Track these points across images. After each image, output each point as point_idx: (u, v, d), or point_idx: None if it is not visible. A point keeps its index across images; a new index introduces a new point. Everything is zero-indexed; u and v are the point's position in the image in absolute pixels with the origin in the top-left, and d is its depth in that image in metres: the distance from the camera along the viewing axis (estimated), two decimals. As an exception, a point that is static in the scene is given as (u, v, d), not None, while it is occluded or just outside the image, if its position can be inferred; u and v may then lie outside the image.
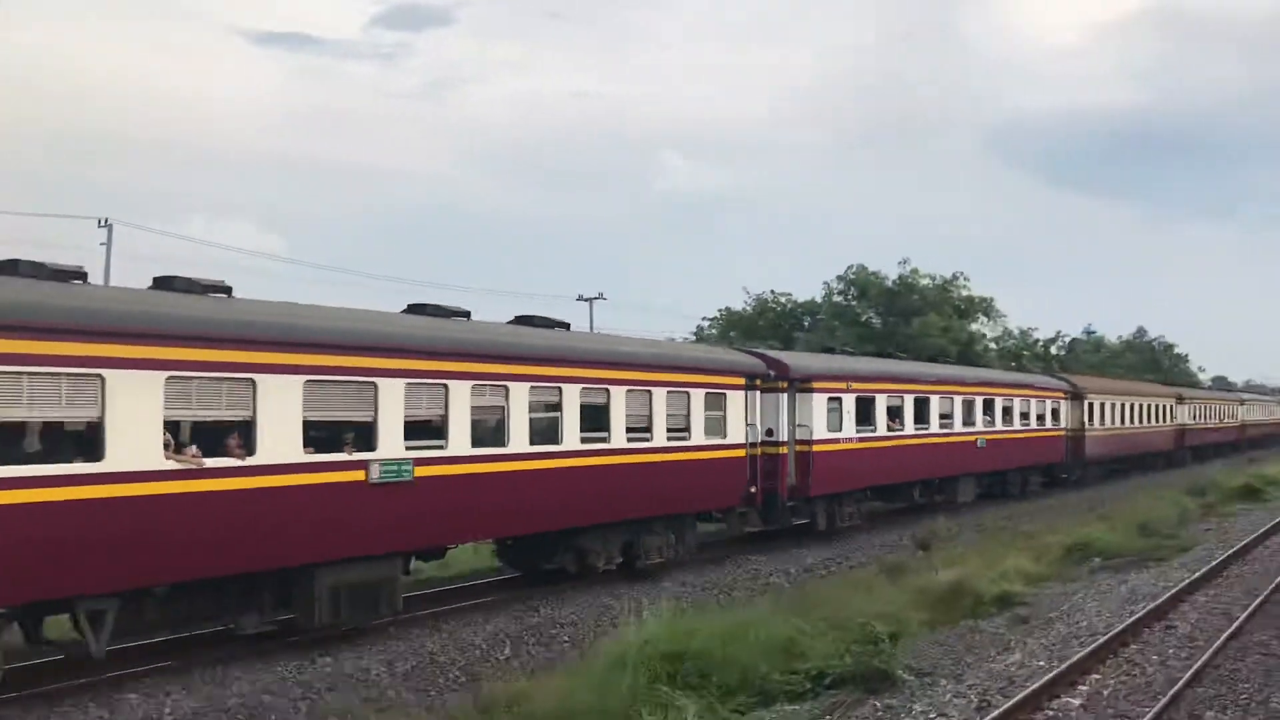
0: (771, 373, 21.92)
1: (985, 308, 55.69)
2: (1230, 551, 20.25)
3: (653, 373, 18.50)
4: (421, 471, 13.87)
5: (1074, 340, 77.67)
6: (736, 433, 20.41)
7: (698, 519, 20.39)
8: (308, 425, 12.60)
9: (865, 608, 13.49)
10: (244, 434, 11.95)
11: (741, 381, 20.72)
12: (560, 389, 16.39)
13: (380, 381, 13.45)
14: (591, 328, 50.82)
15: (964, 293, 54.24)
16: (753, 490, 21.08)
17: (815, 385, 22.94)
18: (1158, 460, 49.37)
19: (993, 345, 58.49)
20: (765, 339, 46.75)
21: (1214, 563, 18.78)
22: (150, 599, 11.44)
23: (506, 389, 15.41)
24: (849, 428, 24.21)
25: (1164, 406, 50.55)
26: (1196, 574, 17.52)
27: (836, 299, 52.79)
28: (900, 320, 49.73)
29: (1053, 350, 71.11)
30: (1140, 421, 46.40)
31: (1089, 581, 18.11)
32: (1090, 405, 40.12)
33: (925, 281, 52.79)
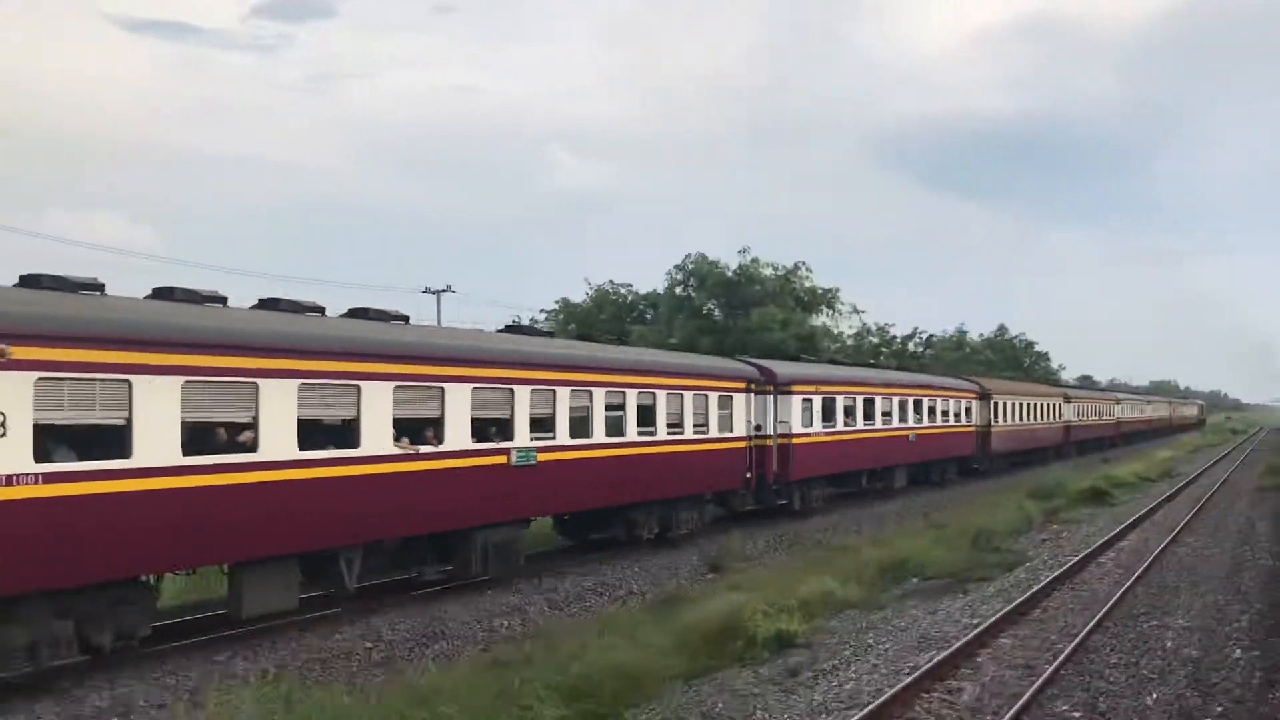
0: (762, 378, 26.44)
1: (829, 299, 52.68)
2: (1058, 572, 18.00)
3: (683, 379, 22.86)
4: (541, 457, 18.01)
5: (930, 336, 75.44)
6: (740, 428, 24.92)
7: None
8: (473, 421, 16.62)
9: (605, 658, 11.72)
10: (436, 428, 15.94)
11: (743, 385, 25.24)
12: (624, 392, 20.64)
13: (516, 388, 17.55)
14: (439, 319, 49.50)
15: (807, 284, 51.64)
16: (749, 476, 25.60)
17: (794, 388, 27.55)
18: (1048, 453, 55.60)
19: (851, 341, 57.99)
20: (603, 333, 45.89)
21: (1035, 589, 16.33)
22: (379, 551, 15.38)
23: (590, 392, 19.61)
24: (817, 424, 28.90)
25: (1054, 405, 56.86)
26: (1011, 604, 15.11)
27: (677, 290, 50.15)
28: (742, 312, 47.74)
29: (910, 347, 69.85)
30: (1036, 419, 52.47)
31: (893, 611, 15.81)
32: (996, 404, 45.78)
33: (767, 272, 50.31)
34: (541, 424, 18.34)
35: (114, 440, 11.58)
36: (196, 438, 12.49)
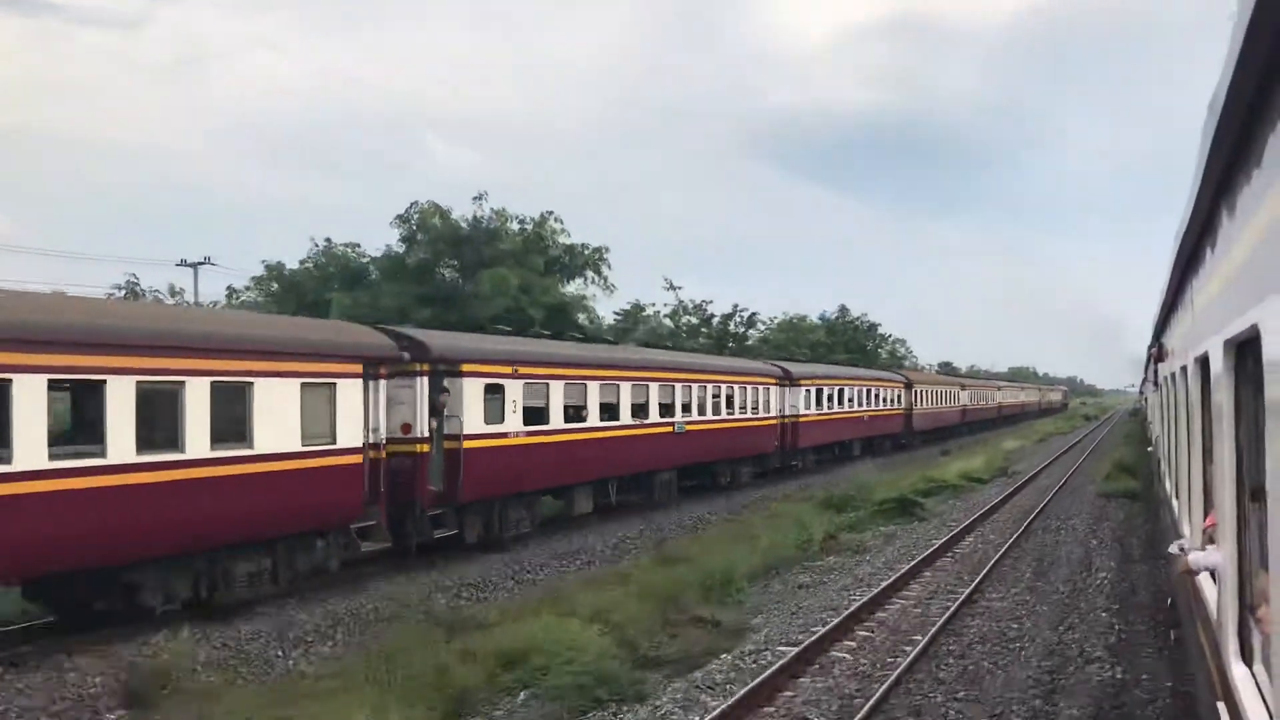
0: (783, 374, 37.25)
1: (593, 261, 44.31)
2: (746, 690, 10.83)
3: (747, 377, 33.61)
4: (689, 428, 28.43)
5: (752, 315, 66.37)
6: (773, 410, 35.69)
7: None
8: (659, 405, 26.95)
9: None
10: (645, 409, 26.23)
11: (774, 380, 36.03)
12: (719, 386, 31.23)
13: (676, 385, 27.97)
14: (196, 293, 47.92)
15: (561, 240, 43.89)
16: (776, 445, 36.39)
17: (801, 381, 38.41)
18: (949, 432, 67.88)
19: (666, 322, 54.93)
20: (312, 304, 39.27)
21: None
22: (622, 481, 25.62)
23: (705, 386, 30.12)
24: (813, 408, 39.84)
25: (955, 391, 69.27)
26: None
27: (400, 248, 42.28)
28: (479, 276, 40.46)
29: (730, 326, 63.21)
30: (944, 403, 64.68)
31: None
32: (916, 391, 57.56)
33: (515, 227, 43.22)
34: (685, 407, 28.75)
35: (540, 415, 21.63)
36: (566, 413, 22.61)
